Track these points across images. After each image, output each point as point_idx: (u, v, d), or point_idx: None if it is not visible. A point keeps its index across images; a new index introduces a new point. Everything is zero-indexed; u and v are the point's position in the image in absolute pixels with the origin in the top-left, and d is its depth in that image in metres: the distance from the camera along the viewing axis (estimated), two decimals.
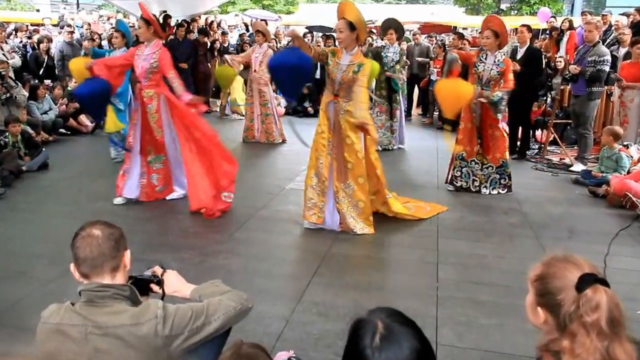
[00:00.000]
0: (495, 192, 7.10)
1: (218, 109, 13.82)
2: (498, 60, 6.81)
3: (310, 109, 13.55)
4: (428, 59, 13.38)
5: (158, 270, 2.39)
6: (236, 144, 10.13)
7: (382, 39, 10.32)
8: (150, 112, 6.17)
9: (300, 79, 5.43)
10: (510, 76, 6.81)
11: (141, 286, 2.27)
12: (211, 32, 15.65)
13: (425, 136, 11.15)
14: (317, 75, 13.07)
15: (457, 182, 7.20)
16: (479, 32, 11.98)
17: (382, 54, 9.60)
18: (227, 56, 10.76)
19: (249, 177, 7.68)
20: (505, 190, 7.12)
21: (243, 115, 13.08)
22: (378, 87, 9.70)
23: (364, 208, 5.48)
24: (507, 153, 7.15)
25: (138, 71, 6.09)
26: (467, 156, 7.13)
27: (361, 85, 5.25)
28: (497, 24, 6.89)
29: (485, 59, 6.88)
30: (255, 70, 10.15)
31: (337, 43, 5.53)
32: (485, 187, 7.12)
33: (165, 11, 15.61)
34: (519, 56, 8.87)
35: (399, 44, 9.83)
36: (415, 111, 14.28)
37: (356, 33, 5.30)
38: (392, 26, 9.65)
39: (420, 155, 9.35)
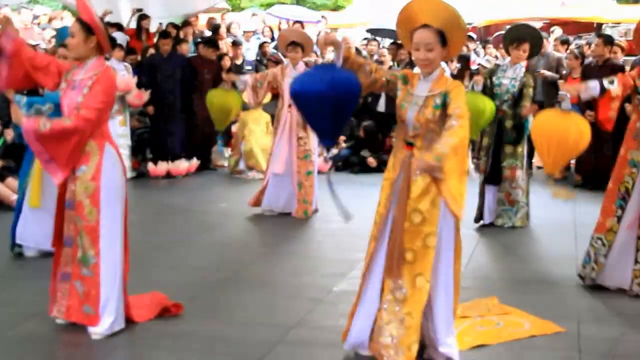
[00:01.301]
0: None
1: (226, 163, 13.93)
2: None
3: (372, 161, 13.56)
4: (557, 76, 13.31)
5: None
6: (254, 218, 10.14)
7: (500, 54, 10.20)
8: (82, 179, 5.70)
9: (337, 115, 5.22)
10: None
11: None
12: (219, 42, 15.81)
13: (556, 201, 10.96)
14: (382, 107, 13.10)
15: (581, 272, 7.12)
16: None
17: (494, 78, 9.50)
18: (230, 75, 10.43)
19: (279, 273, 7.68)
20: None
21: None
22: (475, 131, 9.54)
23: (410, 328, 5.18)
24: None
25: (64, 109, 5.75)
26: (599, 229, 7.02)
27: (460, 115, 5.00)
28: None
29: None
30: (290, 106, 10.08)
31: (415, 67, 5.39)
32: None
33: (141, 10, 15.77)
34: None
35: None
36: (537, 160, 14.16)
37: (447, 48, 5.18)
38: (526, 38, 9.42)
39: (550, 231, 9.18)
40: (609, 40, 12.16)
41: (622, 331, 6.03)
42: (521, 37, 9.44)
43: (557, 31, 17.49)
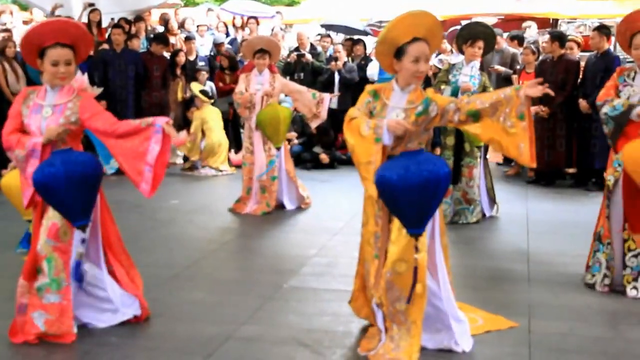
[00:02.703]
0: None
1: (179, 160, 13.85)
2: None
3: (324, 157, 13.57)
4: (511, 72, 13.41)
5: None
6: (205, 215, 10.11)
7: (454, 49, 10.23)
8: None
9: (421, 200, 5.08)
10: None
11: None
12: (172, 39, 15.72)
13: (508, 196, 11.05)
14: (334, 103, 13.12)
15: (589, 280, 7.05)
16: (595, 30, 12.02)
17: (450, 77, 9.54)
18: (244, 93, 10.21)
19: (230, 270, 7.73)
20: None
21: (220, 171, 13.13)
22: (443, 131, 9.60)
23: (415, 337, 5.24)
24: None
25: (37, 134, 5.59)
26: (607, 234, 6.92)
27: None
28: None
29: (634, 79, 6.78)
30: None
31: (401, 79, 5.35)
32: (635, 288, 6.82)
33: (92, 4, 15.65)
34: None
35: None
36: (492, 156, 14.24)
37: None
38: (480, 36, 9.49)
39: (502, 227, 9.24)
40: (557, 37, 12.22)
41: (572, 326, 6.07)
42: (475, 35, 9.49)
43: (534, 27, 17.52)
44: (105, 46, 14.26)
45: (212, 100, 13.87)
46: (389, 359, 5.23)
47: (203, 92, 13.73)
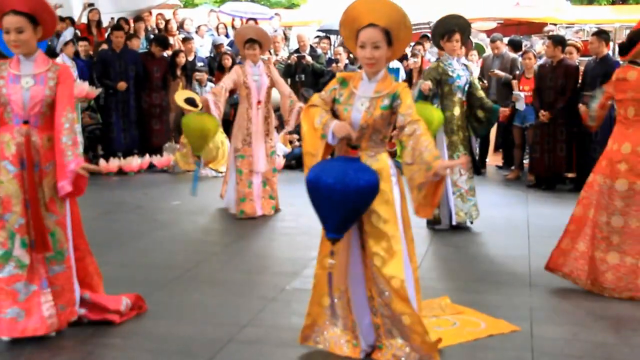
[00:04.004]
0: None
1: (176, 162, 13.79)
2: None
3: None
4: (510, 77, 13.39)
5: None
6: (206, 216, 10.08)
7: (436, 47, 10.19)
8: (53, 174, 5.56)
9: (346, 208, 5.02)
10: None
11: None
12: (171, 40, 15.73)
13: (508, 200, 11.03)
14: None
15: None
16: (594, 35, 12.03)
17: (449, 75, 9.31)
18: (209, 95, 9.95)
19: (231, 272, 7.64)
20: None
21: (221, 172, 13.07)
22: (451, 126, 9.39)
23: (413, 324, 5.13)
24: None
25: (19, 104, 5.48)
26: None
27: (417, 118, 5.10)
28: None
29: None
30: (259, 102, 10.13)
31: (363, 67, 5.28)
32: None
33: (92, 4, 15.66)
34: None
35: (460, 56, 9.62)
36: (492, 159, 14.24)
37: (392, 48, 5.18)
38: (455, 28, 9.37)
39: (502, 231, 9.19)
40: (559, 42, 12.21)
41: (575, 331, 6.05)
42: (449, 28, 9.36)
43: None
44: (104, 46, 14.26)
45: (200, 108, 13.76)
46: (401, 348, 5.19)
47: (188, 101, 13.63)
